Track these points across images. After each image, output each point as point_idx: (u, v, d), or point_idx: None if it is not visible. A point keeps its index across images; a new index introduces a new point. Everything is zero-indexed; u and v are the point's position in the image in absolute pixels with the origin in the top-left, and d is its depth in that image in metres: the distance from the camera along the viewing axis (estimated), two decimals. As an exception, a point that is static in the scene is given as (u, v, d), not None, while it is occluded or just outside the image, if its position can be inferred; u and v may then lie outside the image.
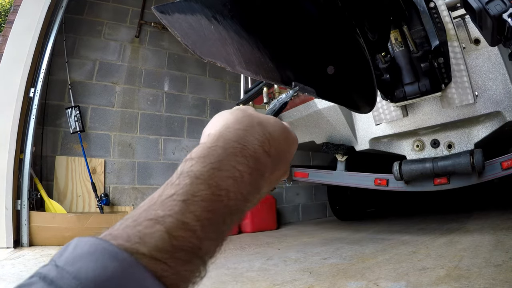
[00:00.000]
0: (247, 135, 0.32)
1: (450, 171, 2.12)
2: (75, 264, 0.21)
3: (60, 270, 0.20)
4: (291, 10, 0.58)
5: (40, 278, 0.20)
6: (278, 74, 0.58)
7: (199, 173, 0.26)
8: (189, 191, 0.25)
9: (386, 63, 1.50)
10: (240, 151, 0.30)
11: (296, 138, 0.41)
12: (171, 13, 0.51)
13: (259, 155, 0.32)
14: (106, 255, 0.21)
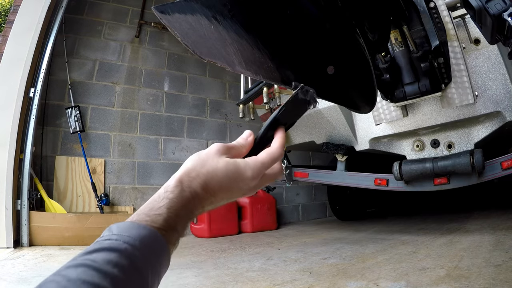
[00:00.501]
0: (192, 181, 0.49)
1: (450, 171, 2.12)
2: (125, 231, 0.40)
3: (117, 235, 0.40)
4: (291, 10, 0.58)
5: (106, 239, 0.39)
6: (278, 74, 0.58)
7: (170, 201, 0.47)
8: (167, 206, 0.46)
9: (386, 63, 1.50)
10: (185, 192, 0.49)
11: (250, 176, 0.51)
12: (171, 13, 0.51)
13: (197, 193, 0.49)
14: (140, 227, 0.42)
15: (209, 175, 0.49)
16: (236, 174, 0.50)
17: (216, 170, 0.50)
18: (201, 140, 4.37)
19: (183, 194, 0.48)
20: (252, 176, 0.51)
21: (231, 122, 4.62)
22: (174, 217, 0.45)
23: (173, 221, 0.45)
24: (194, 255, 2.72)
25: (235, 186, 0.51)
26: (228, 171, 0.50)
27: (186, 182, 0.49)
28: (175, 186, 0.48)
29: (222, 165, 0.50)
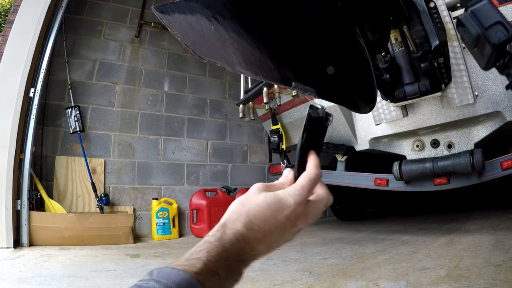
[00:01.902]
0: (234, 222, 0.49)
1: (450, 171, 2.12)
2: (163, 276, 0.41)
3: (154, 281, 0.40)
4: (291, 10, 0.58)
5: (145, 283, 0.40)
6: (278, 74, 0.58)
7: (210, 245, 0.47)
8: (207, 249, 0.46)
9: (386, 63, 1.50)
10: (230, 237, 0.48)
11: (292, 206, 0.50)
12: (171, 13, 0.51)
13: (241, 234, 0.48)
14: (178, 272, 0.41)
15: (251, 212, 0.48)
16: (278, 204, 0.49)
17: (257, 206, 0.49)
18: (201, 140, 4.37)
19: (225, 236, 0.47)
20: (295, 201, 0.50)
21: (231, 122, 4.62)
22: (214, 260, 0.44)
23: (213, 265, 0.44)
24: (194, 255, 2.71)
25: (281, 217, 0.49)
26: (269, 203, 0.49)
27: (229, 224, 0.48)
28: (216, 230, 0.48)
29: (262, 199, 0.49)
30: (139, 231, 3.72)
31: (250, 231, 0.48)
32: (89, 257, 2.58)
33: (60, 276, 2.04)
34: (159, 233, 3.59)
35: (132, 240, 3.26)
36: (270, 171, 3.51)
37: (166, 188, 4.02)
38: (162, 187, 4.00)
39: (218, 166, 4.43)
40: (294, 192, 0.50)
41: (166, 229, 3.63)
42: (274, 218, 0.49)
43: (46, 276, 2.01)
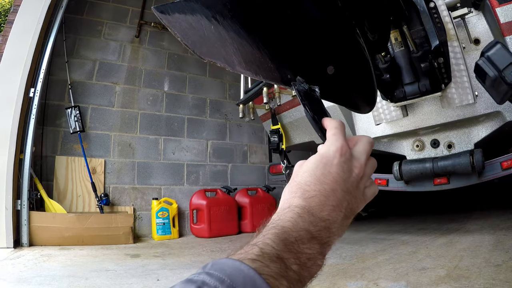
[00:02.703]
0: (291, 200, 0.45)
1: (450, 171, 2.12)
2: (216, 267, 0.34)
3: (205, 273, 0.34)
4: (291, 10, 0.58)
5: (196, 276, 0.34)
6: (278, 74, 0.58)
7: (266, 228, 0.41)
8: (264, 233, 0.40)
9: (386, 63, 1.50)
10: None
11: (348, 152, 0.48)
12: (171, 13, 0.51)
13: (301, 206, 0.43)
14: (230, 262, 0.35)
15: (301, 181, 0.45)
16: (323, 159, 0.46)
17: (305, 172, 0.46)
18: (201, 140, 4.37)
19: (284, 216, 0.42)
20: (337, 147, 0.47)
21: (231, 122, 4.62)
22: (272, 244, 0.38)
23: (271, 249, 0.37)
24: (194, 255, 2.72)
25: (333, 169, 0.45)
26: (315, 162, 0.46)
27: (285, 205, 0.44)
28: (275, 215, 0.43)
29: (306, 164, 0.47)
30: (139, 231, 3.72)
31: (310, 200, 0.43)
32: (89, 257, 2.58)
33: (60, 276, 2.04)
34: (159, 233, 3.59)
35: (132, 240, 3.26)
36: (270, 171, 3.51)
37: (166, 188, 4.02)
38: (162, 187, 4.00)
39: (218, 166, 4.43)
40: (331, 142, 0.48)
41: (166, 229, 3.63)
42: (326, 173, 0.45)
43: (46, 276, 2.01)
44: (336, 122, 0.51)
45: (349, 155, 0.48)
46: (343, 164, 0.46)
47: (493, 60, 0.71)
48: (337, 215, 0.45)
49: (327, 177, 0.45)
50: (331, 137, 0.49)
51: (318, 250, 0.43)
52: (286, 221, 0.41)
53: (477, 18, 1.93)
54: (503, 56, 0.71)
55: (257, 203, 3.95)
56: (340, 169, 0.46)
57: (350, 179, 0.47)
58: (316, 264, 0.42)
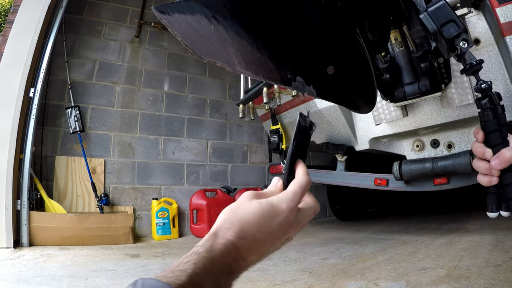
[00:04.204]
0: (226, 232, 0.46)
1: (450, 171, 2.12)
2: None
3: None
4: (291, 10, 0.58)
5: None
6: (278, 74, 0.58)
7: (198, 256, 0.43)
8: (194, 261, 0.42)
9: (386, 63, 1.50)
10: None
11: (284, 213, 0.49)
12: (171, 13, 0.51)
13: (233, 243, 0.45)
14: (160, 285, 0.37)
15: (243, 220, 0.46)
16: (272, 211, 0.48)
17: (251, 213, 0.47)
18: (201, 140, 4.37)
19: (215, 247, 0.44)
20: (288, 207, 0.49)
21: (231, 122, 4.62)
22: (200, 273, 0.41)
23: (199, 278, 0.40)
24: (194, 255, 2.71)
25: (274, 225, 0.48)
26: (263, 209, 0.47)
27: (220, 233, 0.46)
28: (206, 240, 0.45)
29: (255, 206, 0.48)
30: (139, 231, 3.72)
31: (242, 241, 0.46)
32: (89, 257, 2.58)
33: (60, 276, 2.04)
34: (159, 233, 3.59)
35: (132, 240, 3.26)
36: (270, 171, 3.51)
37: (166, 188, 4.02)
38: (162, 187, 4.00)
39: (218, 166, 4.43)
40: (287, 198, 0.50)
41: (166, 229, 3.63)
42: (268, 225, 0.47)
43: (46, 276, 2.01)
44: (305, 181, 0.53)
45: (293, 219, 0.50)
46: (285, 225, 0.49)
47: (434, 16, 0.75)
48: (257, 259, 0.49)
49: (266, 228, 0.47)
50: (291, 193, 0.51)
51: (230, 283, 0.46)
52: (216, 254, 0.44)
53: (477, 18, 1.93)
54: (445, 12, 0.75)
55: (257, 203, 3.95)
56: (280, 228, 0.48)
57: (281, 239, 0.50)
58: None
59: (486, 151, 0.65)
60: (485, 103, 0.67)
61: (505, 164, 0.62)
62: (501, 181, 0.63)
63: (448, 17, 0.75)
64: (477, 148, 0.67)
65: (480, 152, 0.66)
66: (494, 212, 0.67)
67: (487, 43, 1.91)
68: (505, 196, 0.64)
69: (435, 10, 0.75)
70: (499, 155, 0.63)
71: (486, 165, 0.65)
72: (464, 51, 0.73)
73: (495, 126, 0.65)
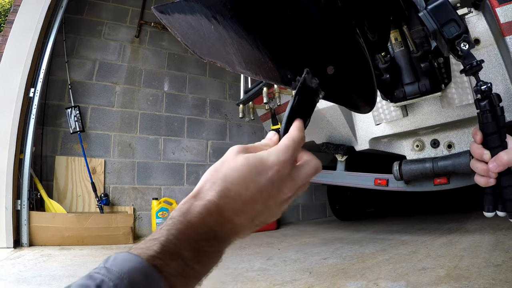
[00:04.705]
0: (207, 191, 0.41)
1: (450, 171, 2.12)
2: (116, 264, 0.34)
3: (105, 268, 0.34)
4: (291, 10, 0.58)
5: (96, 273, 0.34)
6: (278, 74, 0.58)
7: (173, 222, 0.39)
8: (167, 227, 0.39)
9: (386, 63, 1.50)
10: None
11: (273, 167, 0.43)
12: (171, 13, 0.51)
13: (215, 204, 0.40)
14: (130, 257, 0.35)
15: (227, 177, 0.41)
16: (260, 165, 0.42)
17: (235, 170, 0.41)
18: (201, 140, 4.37)
19: (193, 209, 0.39)
20: (279, 160, 0.43)
21: (231, 122, 4.62)
22: (175, 240, 0.37)
23: (174, 246, 0.36)
24: (194, 255, 2.71)
25: (263, 180, 0.42)
26: (250, 164, 0.42)
27: (200, 195, 0.41)
28: (183, 203, 0.40)
29: (241, 161, 0.42)
30: (139, 231, 3.72)
31: (226, 200, 0.40)
32: (89, 257, 2.58)
33: (60, 276, 2.04)
34: (159, 233, 3.59)
35: (132, 240, 3.26)
36: None
37: (166, 188, 4.02)
38: (162, 187, 4.00)
39: (218, 166, 4.42)
40: (278, 151, 0.44)
41: (166, 229, 3.63)
42: (256, 181, 0.41)
43: (46, 276, 2.01)
44: (298, 136, 0.47)
45: (286, 175, 0.44)
46: (276, 180, 0.43)
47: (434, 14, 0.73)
48: (247, 222, 0.42)
49: (254, 184, 0.41)
50: (282, 146, 0.45)
51: (217, 249, 0.41)
52: (194, 216, 0.38)
53: (477, 18, 1.93)
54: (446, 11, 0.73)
55: (257, 203, 3.95)
56: (270, 185, 0.42)
57: (275, 198, 0.44)
58: (213, 262, 0.41)
59: (484, 153, 0.64)
60: (484, 105, 0.66)
61: (503, 167, 0.62)
62: (498, 182, 0.63)
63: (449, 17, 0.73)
64: (475, 149, 0.66)
65: (478, 154, 0.65)
66: (490, 212, 0.67)
67: (487, 43, 1.91)
68: (502, 198, 0.64)
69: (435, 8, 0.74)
70: (497, 158, 0.62)
71: (484, 166, 0.64)
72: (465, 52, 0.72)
73: (494, 128, 0.65)
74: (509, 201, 0.62)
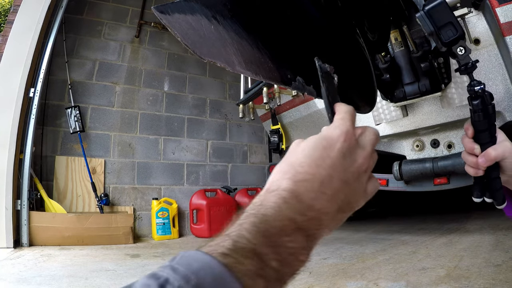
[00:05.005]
0: (279, 180, 0.39)
1: (450, 171, 2.12)
2: (183, 264, 0.30)
3: (173, 268, 0.30)
4: (291, 10, 0.58)
5: (161, 271, 0.30)
6: (278, 74, 0.58)
7: (245, 215, 0.35)
8: (239, 222, 0.35)
9: (386, 63, 1.50)
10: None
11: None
12: (171, 13, 0.51)
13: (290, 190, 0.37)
14: (198, 256, 0.31)
15: (295, 163, 0.39)
16: (324, 141, 0.41)
17: (301, 154, 0.40)
18: (201, 140, 4.37)
19: (267, 201, 0.36)
20: (342, 130, 0.42)
21: (231, 122, 4.62)
22: (248, 234, 0.33)
23: (247, 241, 0.32)
24: (194, 255, 2.71)
25: (334, 154, 0.40)
26: (315, 142, 0.41)
27: (271, 188, 0.38)
28: (256, 198, 0.38)
29: (304, 144, 0.41)
30: (139, 231, 3.72)
31: (300, 183, 0.37)
32: (89, 257, 2.58)
33: (60, 276, 2.04)
34: (159, 233, 3.59)
35: (132, 240, 3.26)
36: (270, 171, 3.50)
37: (166, 188, 4.02)
38: (162, 187, 4.00)
39: (218, 166, 4.43)
40: (337, 125, 0.43)
41: (166, 229, 3.63)
42: (325, 157, 0.39)
43: (46, 276, 2.01)
44: (348, 107, 0.47)
45: (354, 142, 0.43)
46: (346, 150, 0.41)
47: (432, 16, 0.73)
48: (330, 206, 0.39)
49: (325, 161, 0.39)
50: (338, 120, 0.44)
51: (303, 244, 0.36)
52: (268, 208, 0.35)
53: (477, 18, 1.93)
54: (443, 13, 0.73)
55: (257, 203, 3.95)
56: (341, 156, 0.40)
57: (350, 169, 0.41)
58: (299, 259, 0.36)
59: (475, 147, 0.68)
60: (477, 104, 0.69)
61: (491, 163, 0.66)
62: (487, 174, 0.68)
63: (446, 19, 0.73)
64: (466, 143, 0.70)
65: (469, 148, 0.69)
66: (479, 198, 0.74)
67: (487, 43, 1.91)
68: (491, 188, 0.69)
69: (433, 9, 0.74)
70: (485, 154, 0.66)
71: (474, 159, 0.68)
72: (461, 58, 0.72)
73: (485, 126, 0.68)
74: (497, 191, 0.68)
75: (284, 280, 0.35)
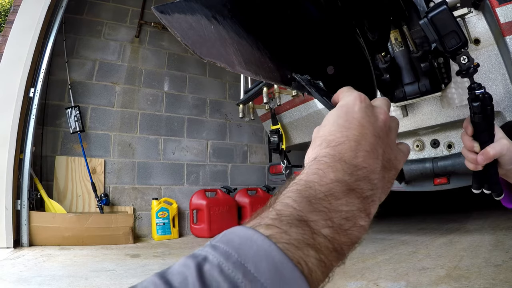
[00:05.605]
0: (316, 153, 0.39)
1: (450, 171, 2.12)
2: (225, 241, 0.28)
3: (213, 246, 0.28)
4: (291, 10, 0.58)
5: (201, 250, 0.28)
6: (278, 74, 0.58)
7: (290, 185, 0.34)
8: (282, 191, 0.34)
9: (386, 63, 1.50)
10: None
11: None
12: (171, 13, 0.51)
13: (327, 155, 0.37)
14: (243, 232, 0.28)
15: (325, 132, 0.40)
16: (344, 107, 0.42)
17: (327, 124, 0.42)
18: (201, 140, 4.37)
19: (308, 170, 0.35)
20: (355, 96, 0.43)
21: (231, 122, 4.62)
22: (292, 202, 0.31)
23: (292, 209, 0.30)
24: (194, 255, 2.71)
25: (357, 115, 0.40)
26: (336, 110, 0.43)
27: (309, 162, 0.38)
28: (300, 173, 0.37)
29: (326, 119, 0.43)
30: (139, 231, 3.72)
31: (338, 147, 0.37)
32: (89, 257, 2.58)
33: (60, 276, 2.04)
34: (159, 233, 3.59)
35: (132, 240, 3.26)
36: (270, 171, 3.50)
37: (166, 188, 4.02)
38: (162, 187, 4.00)
39: (218, 166, 4.43)
40: (347, 94, 0.45)
41: (166, 229, 3.63)
42: (350, 119, 0.40)
43: (46, 276, 2.01)
44: (345, 87, 0.49)
45: (369, 102, 0.44)
46: (366, 109, 0.42)
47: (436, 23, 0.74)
48: (374, 162, 0.38)
49: (352, 123, 0.39)
50: (345, 91, 0.46)
51: (359, 206, 0.34)
52: (311, 174, 0.33)
53: (477, 18, 1.93)
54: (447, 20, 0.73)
55: (257, 203, 3.95)
56: (364, 114, 0.41)
57: (377, 123, 0.41)
58: (358, 224, 0.34)
59: (474, 145, 0.71)
60: (477, 106, 0.70)
61: (489, 160, 0.69)
62: (486, 169, 0.72)
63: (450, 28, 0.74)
64: (466, 141, 0.73)
65: (469, 146, 0.72)
66: (477, 190, 0.77)
67: (487, 43, 1.91)
68: (489, 181, 0.73)
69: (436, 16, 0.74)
70: (484, 152, 0.69)
71: (474, 156, 0.71)
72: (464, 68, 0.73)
73: (485, 127, 0.70)
74: (495, 184, 0.73)
75: (342, 251, 0.33)
